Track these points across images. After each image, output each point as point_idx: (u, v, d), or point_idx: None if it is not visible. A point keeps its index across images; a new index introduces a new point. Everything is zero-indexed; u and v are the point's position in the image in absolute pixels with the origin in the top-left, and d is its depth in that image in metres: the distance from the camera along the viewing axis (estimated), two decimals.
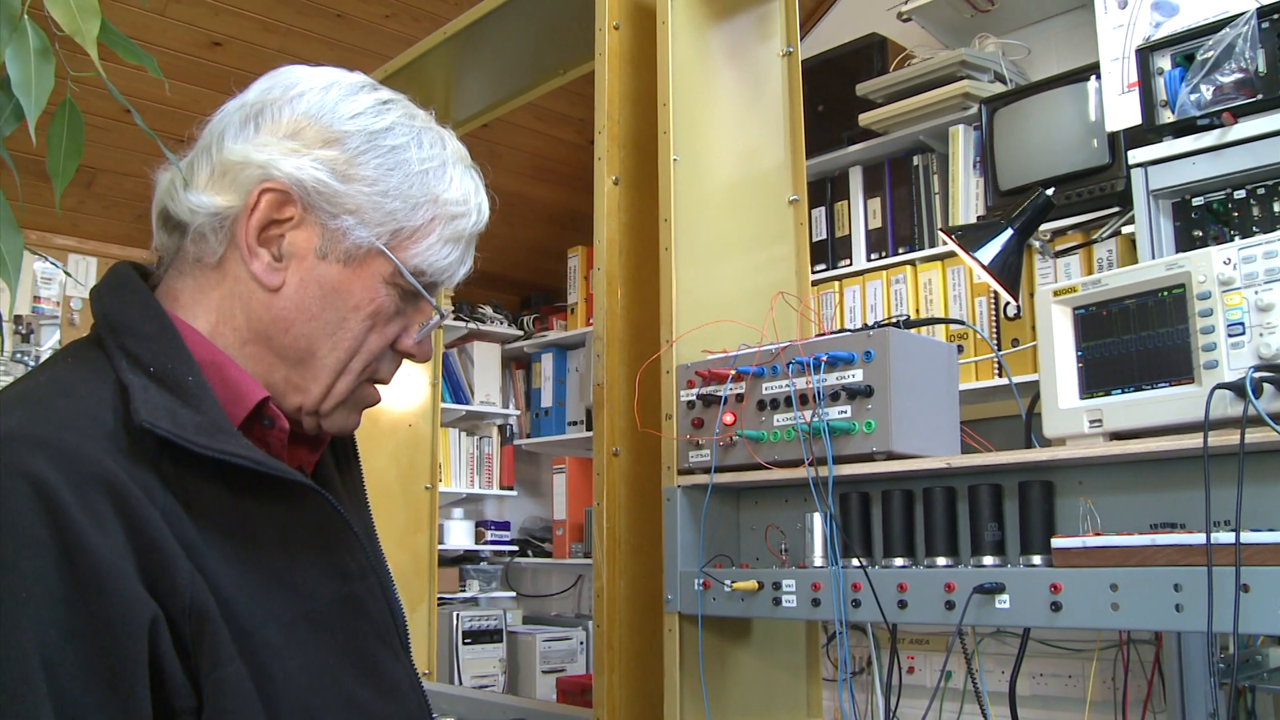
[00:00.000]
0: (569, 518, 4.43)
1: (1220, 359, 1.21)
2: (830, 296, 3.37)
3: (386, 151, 1.07)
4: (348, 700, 1.02)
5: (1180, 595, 1.15)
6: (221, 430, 0.96)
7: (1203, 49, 1.96)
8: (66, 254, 4.33)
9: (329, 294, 1.05)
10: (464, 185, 1.12)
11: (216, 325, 1.05)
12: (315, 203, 1.04)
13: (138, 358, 0.97)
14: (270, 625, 0.96)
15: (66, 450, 0.88)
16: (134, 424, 0.92)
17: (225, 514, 0.97)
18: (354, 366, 1.08)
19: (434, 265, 1.08)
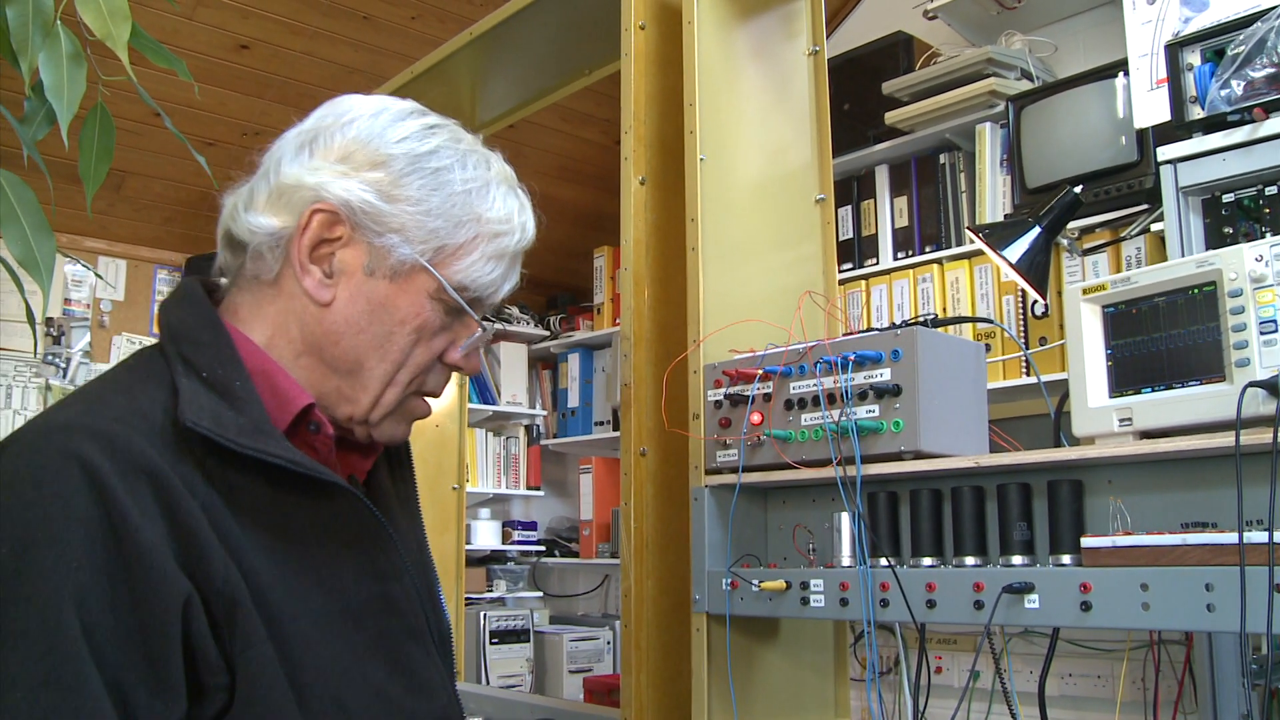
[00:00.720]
0: (596, 518, 4.43)
1: (1252, 356, 1.20)
2: (857, 296, 3.36)
3: (430, 173, 1.12)
4: (376, 693, 1.06)
5: (1212, 595, 1.14)
6: (262, 431, 1.02)
7: (1233, 44, 1.94)
8: (96, 256, 4.37)
9: (376, 308, 1.11)
10: (507, 205, 1.16)
11: (272, 337, 1.12)
12: (362, 222, 1.10)
13: (193, 363, 1.04)
14: (305, 617, 1.02)
15: (115, 440, 0.94)
16: (180, 423, 0.99)
17: (267, 509, 1.03)
18: (401, 378, 1.13)
19: (477, 281, 1.13)
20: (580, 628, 4.36)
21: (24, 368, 4.16)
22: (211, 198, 4.28)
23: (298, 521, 1.06)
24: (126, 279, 4.45)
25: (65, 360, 4.24)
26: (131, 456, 0.94)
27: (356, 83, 3.84)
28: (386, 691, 1.07)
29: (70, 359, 4.25)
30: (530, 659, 4.24)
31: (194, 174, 4.11)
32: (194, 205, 4.32)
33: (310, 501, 1.06)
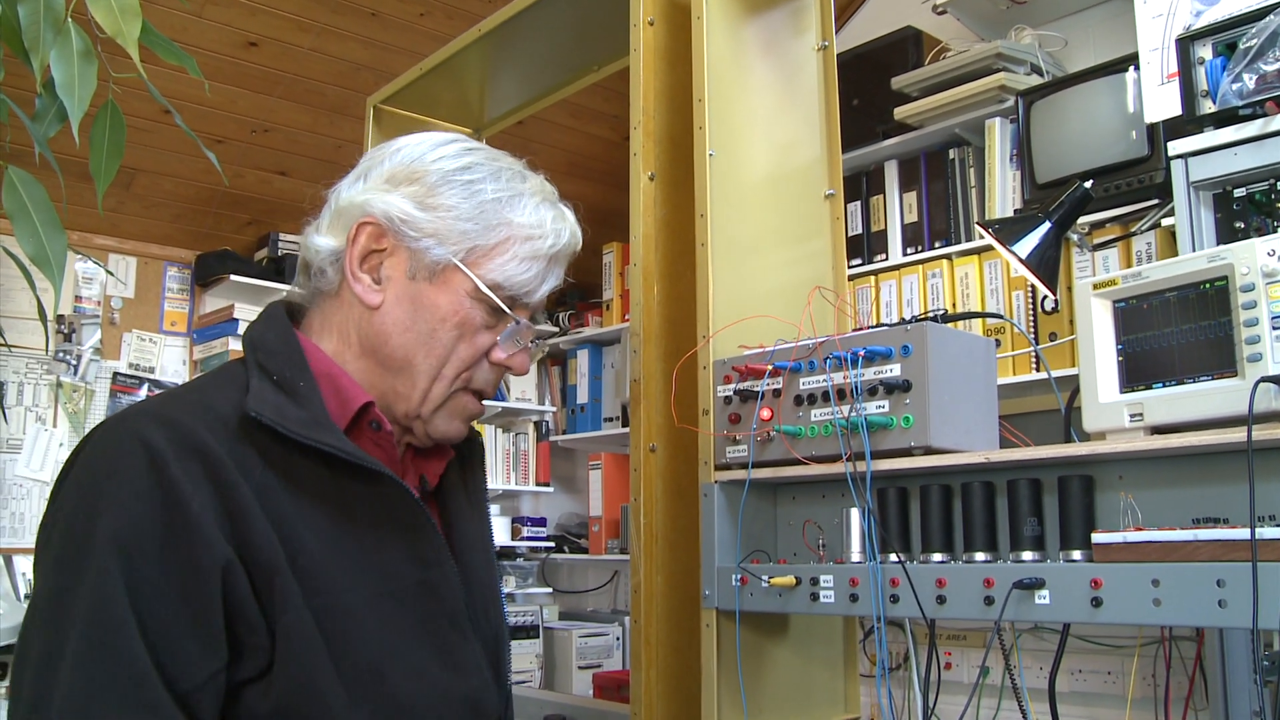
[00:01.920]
0: (605, 514, 4.43)
1: (1264, 352, 1.19)
2: (866, 291, 3.35)
3: (463, 184, 1.24)
4: (414, 668, 1.15)
5: (1224, 591, 1.14)
6: (319, 424, 1.15)
7: (1245, 37, 1.93)
8: (107, 254, 4.38)
9: (419, 308, 1.23)
10: (539, 213, 1.26)
11: (337, 344, 1.26)
12: (401, 230, 1.22)
13: (266, 369, 1.18)
14: (352, 592, 1.13)
15: (175, 425, 1.09)
16: (246, 414, 1.12)
17: (326, 493, 1.15)
18: (446, 373, 1.23)
19: (511, 279, 1.23)
20: (590, 624, 4.36)
21: (35, 365, 4.17)
22: (221, 195, 4.29)
23: (354, 507, 1.17)
24: (137, 276, 4.46)
25: (76, 357, 4.25)
26: (189, 439, 1.08)
27: (365, 79, 3.84)
28: (424, 668, 1.16)
29: (81, 356, 4.27)
30: (540, 655, 4.24)
31: (204, 171, 4.12)
32: (204, 202, 4.33)
33: (365, 489, 1.17)
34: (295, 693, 1.07)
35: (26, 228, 1.55)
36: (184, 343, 4.54)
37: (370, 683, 1.12)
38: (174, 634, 1.03)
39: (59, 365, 4.22)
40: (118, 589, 1.02)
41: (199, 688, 1.04)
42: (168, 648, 1.03)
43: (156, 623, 1.03)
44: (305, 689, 1.07)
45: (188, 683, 1.03)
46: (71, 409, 4.24)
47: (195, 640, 1.04)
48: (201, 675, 1.04)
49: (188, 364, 4.54)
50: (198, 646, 1.05)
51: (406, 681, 1.15)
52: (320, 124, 4.09)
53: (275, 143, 4.13)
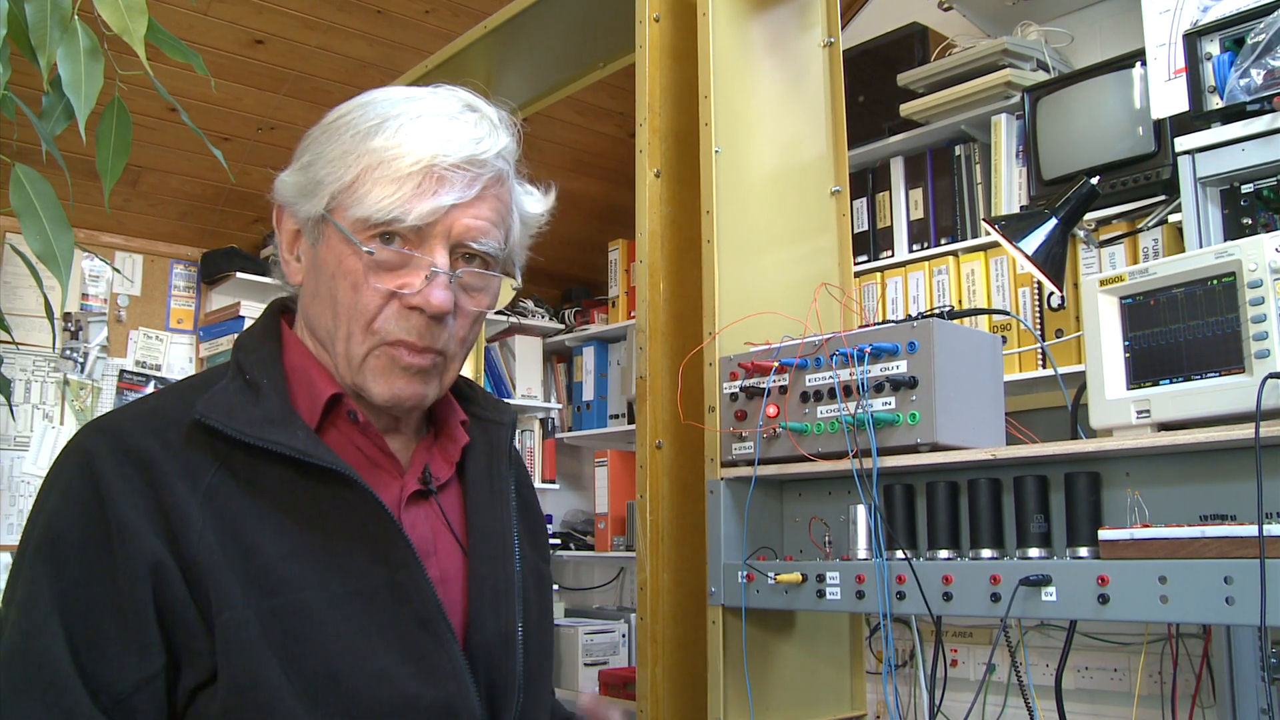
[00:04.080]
0: (611, 511, 4.43)
1: (1272, 348, 1.19)
2: (872, 288, 3.35)
3: (325, 133, 1.19)
4: (379, 674, 1.08)
5: (1231, 588, 1.14)
6: (272, 423, 1.11)
7: (1253, 32, 1.93)
8: (113, 251, 4.38)
9: (318, 272, 1.18)
10: (406, 132, 1.14)
11: (308, 335, 1.22)
12: (290, 202, 1.19)
13: (242, 367, 1.17)
14: (313, 593, 1.08)
15: (117, 432, 1.09)
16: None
17: (290, 494, 1.11)
18: (353, 329, 1.15)
19: (375, 209, 1.12)
20: (596, 621, 4.37)
21: (42, 362, 4.18)
22: (227, 192, 4.29)
23: (318, 506, 1.11)
24: (143, 273, 4.47)
25: (83, 355, 4.26)
26: (126, 445, 1.07)
27: (371, 77, 3.84)
28: (390, 674, 1.09)
29: (88, 354, 4.27)
30: None
31: (210, 169, 4.12)
32: (210, 200, 4.33)
33: (330, 489, 1.11)
34: (238, 695, 1.03)
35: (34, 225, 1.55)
36: (190, 340, 4.55)
37: (325, 686, 1.06)
38: (100, 638, 1.02)
39: (66, 363, 4.23)
40: (43, 594, 1.02)
41: (132, 691, 1.02)
42: (93, 652, 1.01)
43: (81, 627, 1.02)
44: (249, 691, 1.03)
45: (119, 686, 1.01)
46: (78, 406, 4.25)
47: (124, 644, 1.02)
48: (132, 679, 1.02)
49: (194, 361, 4.54)
50: (127, 650, 1.02)
51: (367, 686, 1.08)
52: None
53: (282, 140, 4.13)
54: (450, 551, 1.22)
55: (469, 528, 1.24)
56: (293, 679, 1.04)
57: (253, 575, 1.06)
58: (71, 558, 1.03)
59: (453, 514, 1.25)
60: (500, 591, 1.22)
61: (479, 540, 1.23)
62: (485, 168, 1.17)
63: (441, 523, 1.23)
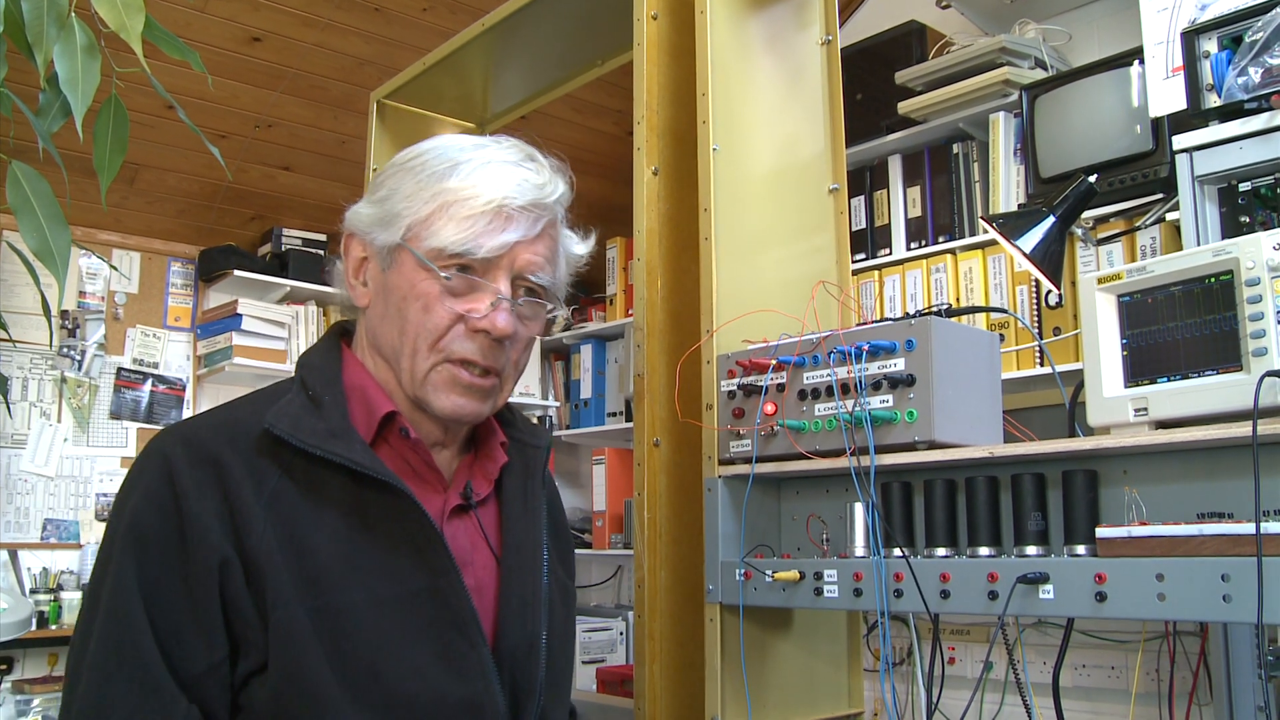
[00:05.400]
0: (609, 509, 4.43)
1: (1270, 346, 1.19)
2: (870, 286, 3.35)
3: (403, 170, 1.31)
4: (415, 671, 1.19)
5: (1228, 586, 1.14)
6: (334, 435, 1.22)
7: (1251, 31, 1.92)
8: (111, 249, 4.38)
9: (388, 295, 1.29)
10: (476, 176, 1.27)
11: (367, 355, 1.33)
12: (362, 230, 1.32)
13: (307, 384, 1.28)
14: (358, 594, 1.18)
15: (193, 439, 1.20)
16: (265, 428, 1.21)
17: (345, 502, 1.22)
18: (420, 347, 1.26)
19: (450, 241, 1.24)
20: (593, 618, 4.36)
21: (39, 360, 4.18)
22: (225, 190, 4.29)
23: (370, 514, 1.22)
24: (140, 271, 4.47)
25: (80, 352, 4.26)
26: (202, 451, 1.19)
27: (368, 75, 3.84)
28: (425, 672, 1.19)
29: (85, 351, 4.27)
30: None
31: (207, 166, 4.12)
32: (207, 198, 4.33)
33: (381, 499, 1.22)
34: (287, 684, 1.14)
35: (30, 222, 1.55)
36: (188, 338, 4.55)
37: (367, 680, 1.16)
38: (178, 625, 1.13)
39: (63, 360, 4.23)
40: (130, 582, 1.14)
41: (203, 675, 1.14)
42: (172, 638, 1.13)
43: (162, 613, 1.13)
44: (296, 681, 1.14)
45: (192, 669, 1.13)
46: (75, 404, 4.25)
47: (197, 632, 1.14)
48: (203, 664, 1.14)
49: (191, 359, 4.54)
50: (199, 637, 1.14)
51: (404, 681, 1.18)
52: (324, 119, 4.09)
53: (279, 138, 4.13)
54: (486, 562, 1.33)
55: (503, 541, 1.35)
56: (336, 671, 1.15)
57: (307, 575, 1.17)
58: (153, 552, 1.15)
59: (489, 528, 1.36)
60: (528, 602, 1.33)
61: (511, 553, 1.34)
62: (546, 210, 1.31)
63: (479, 535, 1.34)
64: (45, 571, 4.10)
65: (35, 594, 4.03)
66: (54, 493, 4.20)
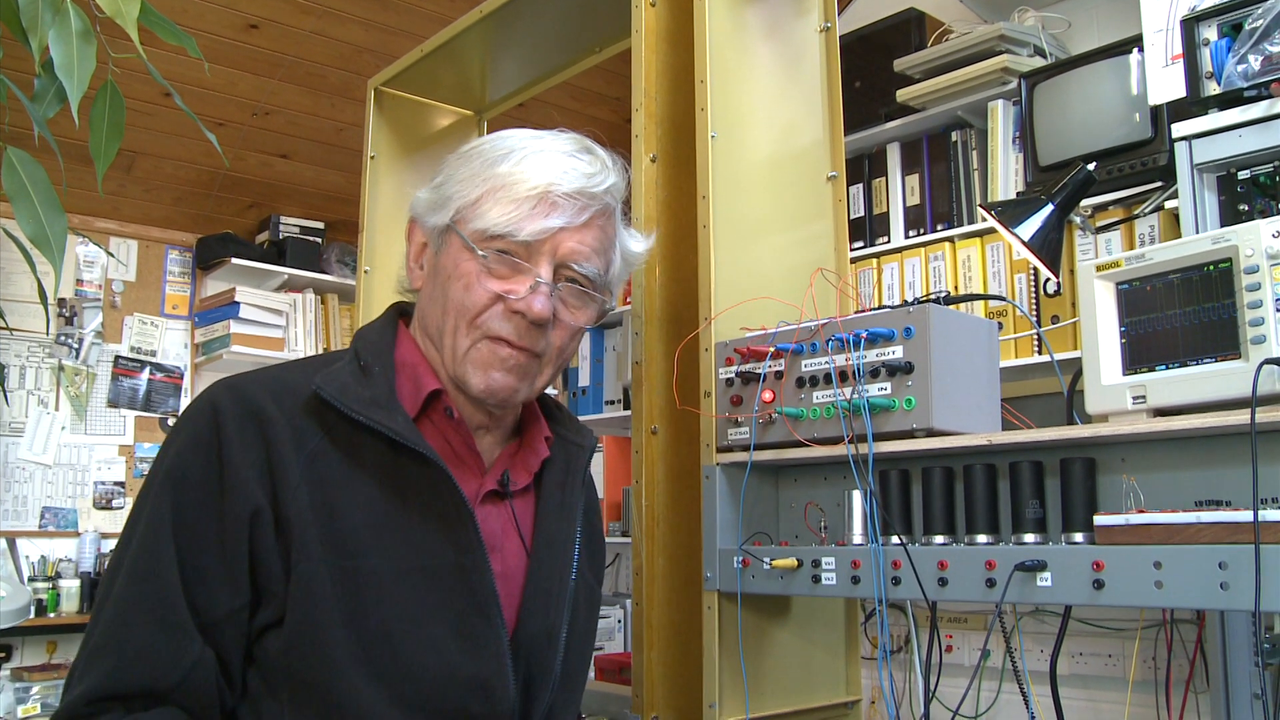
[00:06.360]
0: (606, 496, 4.43)
1: (1268, 333, 1.19)
2: (868, 274, 3.35)
3: (461, 159, 1.34)
4: (429, 642, 1.21)
5: (1226, 574, 1.14)
6: (378, 405, 1.24)
7: (1251, 19, 1.92)
8: (108, 237, 4.38)
9: (437, 275, 1.33)
10: (528, 163, 1.29)
11: (419, 335, 1.36)
12: (420, 215, 1.36)
13: (359, 355, 1.31)
14: (384, 561, 1.21)
15: (243, 392, 1.24)
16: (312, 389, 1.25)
17: (383, 469, 1.24)
18: (460, 324, 1.29)
19: (494, 224, 1.27)
20: None
21: (37, 348, 4.18)
22: (222, 178, 4.28)
23: (406, 485, 1.24)
24: (138, 259, 4.46)
25: (77, 340, 4.26)
26: (249, 404, 1.22)
27: (366, 62, 3.83)
28: (439, 644, 1.21)
29: (82, 339, 4.27)
30: None
31: (204, 154, 4.11)
32: (204, 185, 4.32)
33: (419, 470, 1.24)
34: (301, 638, 1.17)
35: (26, 209, 1.55)
36: (185, 326, 4.55)
37: (380, 645, 1.18)
38: (205, 568, 1.17)
39: (61, 349, 4.23)
40: (165, 520, 1.18)
41: (222, 620, 1.17)
42: (197, 578, 1.17)
43: (190, 555, 1.17)
44: (310, 637, 1.17)
45: (214, 613, 1.17)
46: (73, 392, 4.25)
47: (223, 576, 1.17)
48: (224, 609, 1.17)
49: (189, 347, 4.54)
50: (224, 582, 1.17)
51: (417, 652, 1.20)
52: (321, 106, 4.08)
53: (276, 125, 4.12)
54: (515, 551, 1.34)
55: (535, 533, 1.36)
56: (351, 633, 1.17)
57: (335, 536, 1.19)
58: (191, 494, 1.19)
59: (523, 518, 1.37)
60: (553, 594, 1.33)
61: (542, 545, 1.35)
62: (594, 200, 1.32)
63: (511, 524, 1.35)
64: (43, 559, 4.10)
65: (34, 582, 4.03)
66: (52, 481, 4.20)
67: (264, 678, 1.20)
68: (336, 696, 1.17)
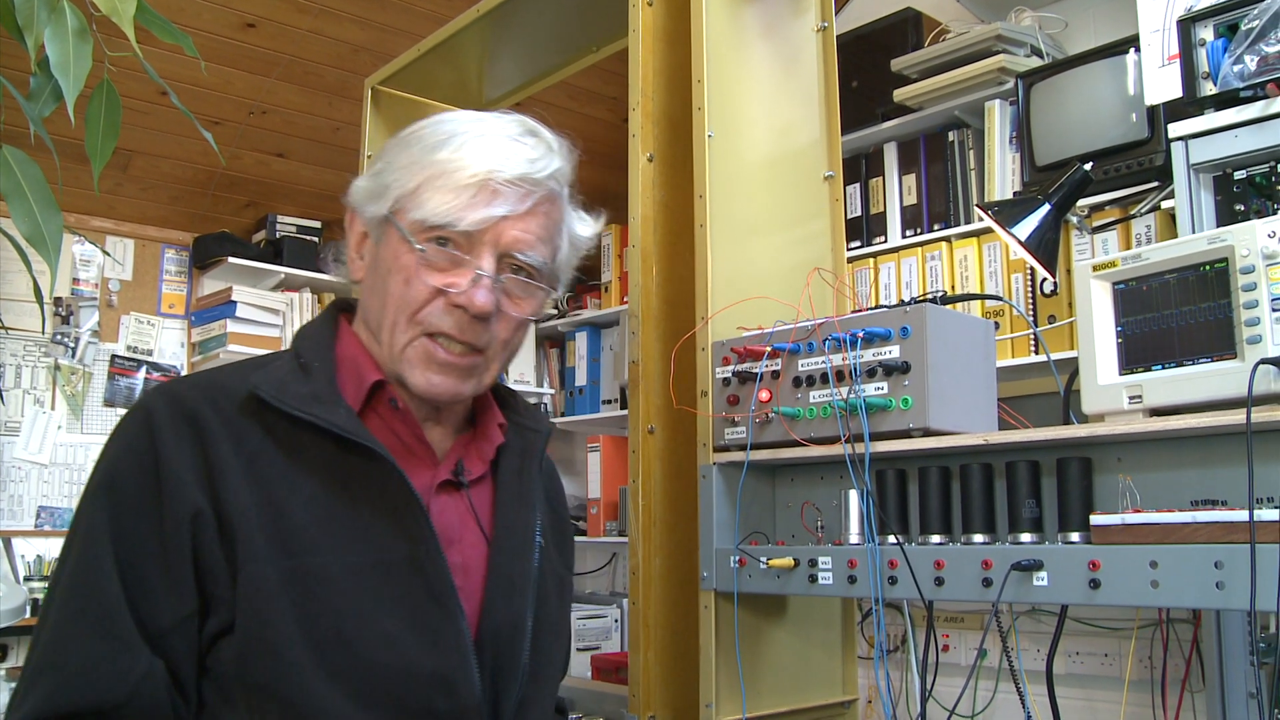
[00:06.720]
0: (603, 496, 4.43)
1: (1264, 333, 1.19)
2: (865, 274, 3.35)
3: (398, 145, 1.29)
4: (386, 639, 1.17)
5: (1222, 573, 1.14)
6: (319, 400, 1.21)
7: (1247, 19, 1.92)
8: (104, 236, 4.37)
9: (376, 267, 1.28)
10: (468, 148, 1.24)
11: (362, 329, 1.32)
12: (358, 205, 1.30)
13: (299, 353, 1.27)
14: (333, 558, 1.17)
15: (178, 396, 1.20)
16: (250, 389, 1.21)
17: (327, 466, 1.20)
18: (399, 320, 1.25)
19: (433, 213, 1.22)
20: (588, 605, 4.37)
21: (33, 347, 4.17)
22: (219, 177, 4.28)
23: (352, 480, 1.21)
24: (134, 258, 4.45)
25: (74, 340, 4.25)
26: (183, 406, 1.18)
27: (363, 61, 3.83)
28: (397, 640, 1.17)
29: (79, 338, 4.26)
30: None
31: (201, 153, 4.11)
32: (201, 184, 4.32)
33: (363, 465, 1.21)
34: (253, 643, 1.12)
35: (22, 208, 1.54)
36: (182, 325, 4.54)
37: (334, 644, 1.14)
38: (147, 576, 1.13)
39: (57, 348, 4.22)
40: (102, 530, 1.14)
41: (169, 629, 1.13)
42: (140, 587, 1.12)
43: (131, 563, 1.13)
44: (262, 641, 1.12)
45: (160, 622, 1.12)
46: (69, 391, 4.24)
47: (166, 584, 1.13)
48: (170, 618, 1.13)
49: (186, 346, 4.53)
50: (168, 589, 1.13)
51: (373, 649, 1.16)
52: (318, 106, 4.08)
53: (273, 124, 4.11)
54: (474, 542, 1.30)
55: (495, 522, 1.32)
56: (304, 633, 1.13)
57: (281, 536, 1.15)
58: (127, 501, 1.15)
59: (482, 508, 1.33)
60: (516, 583, 1.30)
61: (502, 534, 1.31)
62: (538, 186, 1.27)
63: (469, 514, 1.31)
64: (39, 559, 4.09)
65: (29, 581, 4.03)
66: (48, 480, 4.19)
67: (219, 688, 1.15)
68: (295, 701, 1.12)
